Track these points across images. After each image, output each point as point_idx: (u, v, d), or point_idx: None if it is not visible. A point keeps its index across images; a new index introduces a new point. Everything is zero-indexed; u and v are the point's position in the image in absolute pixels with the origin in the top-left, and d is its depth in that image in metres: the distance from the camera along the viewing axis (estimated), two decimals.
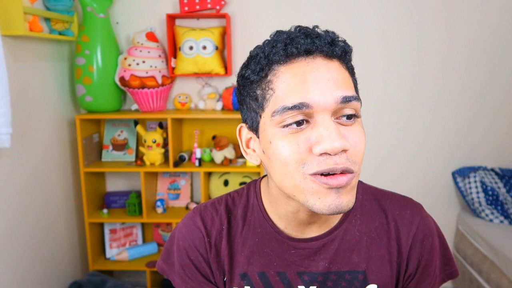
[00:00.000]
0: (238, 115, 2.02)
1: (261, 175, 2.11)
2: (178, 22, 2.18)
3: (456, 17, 2.12)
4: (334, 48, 0.58)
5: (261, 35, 0.65)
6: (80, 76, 2.02)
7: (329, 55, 0.58)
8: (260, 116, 0.61)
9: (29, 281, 1.82)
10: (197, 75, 2.12)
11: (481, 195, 2.16)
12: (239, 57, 2.20)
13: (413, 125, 2.25)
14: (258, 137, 0.63)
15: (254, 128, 0.63)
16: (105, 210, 2.18)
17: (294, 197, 0.59)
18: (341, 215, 0.69)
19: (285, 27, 0.63)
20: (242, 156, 2.21)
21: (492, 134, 2.24)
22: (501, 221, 2.08)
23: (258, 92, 0.61)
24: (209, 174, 2.25)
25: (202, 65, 2.07)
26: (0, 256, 1.64)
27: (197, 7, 2.08)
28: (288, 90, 0.56)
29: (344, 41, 0.61)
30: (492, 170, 2.22)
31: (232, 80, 2.21)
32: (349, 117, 0.58)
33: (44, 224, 1.93)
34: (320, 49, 0.57)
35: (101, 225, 2.30)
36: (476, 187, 2.16)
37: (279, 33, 0.61)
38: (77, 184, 2.20)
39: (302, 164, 0.56)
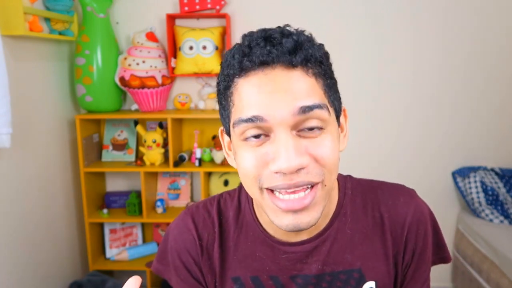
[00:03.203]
0: None
1: None
2: (178, 22, 2.18)
3: (455, 16, 2.12)
4: (293, 58, 0.54)
5: None
6: (80, 76, 2.02)
7: (289, 65, 0.54)
8: (229, 125, 0.60)
9: (29, 281, 1.82)
10: (197, 75, 2.12)
11: (481, 195, 2.16)
12: None
13: (413, 125, 2.25)
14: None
15: (228, 134, 0.63)
16: (105, 210, 2.18)
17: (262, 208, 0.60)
18: (331, 215, 0.68)
19: None
20: None
21: (492, 134, 2.23)
22: (501, 221, 2.08)
23: (224, 102, 0.60)
24: (209, 174, 2.25)
25: (202, 65, 2.07)
26: (0, 256, 1.64)
27: (197, 7, 2.08)
28: (244, 103, 0.55)
29: (310, 47, 0.56)
30: (492, 170, 2.22)
31: None
32: (311, 129, 0.55)
33: (44, 224, 1.93)
34: (277, 59, 0.54)
35: (101, 225, 2.30)
36: (476, 187, 2.16)
37: (243, 38, 0.58)
38: (77, 184, 2.20)
39: (258, 179, 0.56)
